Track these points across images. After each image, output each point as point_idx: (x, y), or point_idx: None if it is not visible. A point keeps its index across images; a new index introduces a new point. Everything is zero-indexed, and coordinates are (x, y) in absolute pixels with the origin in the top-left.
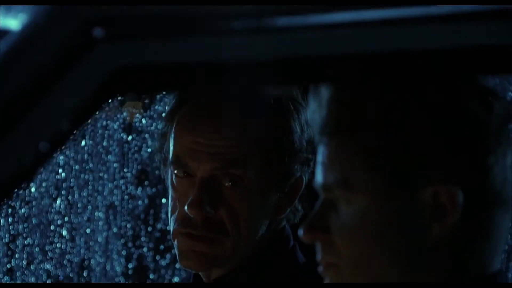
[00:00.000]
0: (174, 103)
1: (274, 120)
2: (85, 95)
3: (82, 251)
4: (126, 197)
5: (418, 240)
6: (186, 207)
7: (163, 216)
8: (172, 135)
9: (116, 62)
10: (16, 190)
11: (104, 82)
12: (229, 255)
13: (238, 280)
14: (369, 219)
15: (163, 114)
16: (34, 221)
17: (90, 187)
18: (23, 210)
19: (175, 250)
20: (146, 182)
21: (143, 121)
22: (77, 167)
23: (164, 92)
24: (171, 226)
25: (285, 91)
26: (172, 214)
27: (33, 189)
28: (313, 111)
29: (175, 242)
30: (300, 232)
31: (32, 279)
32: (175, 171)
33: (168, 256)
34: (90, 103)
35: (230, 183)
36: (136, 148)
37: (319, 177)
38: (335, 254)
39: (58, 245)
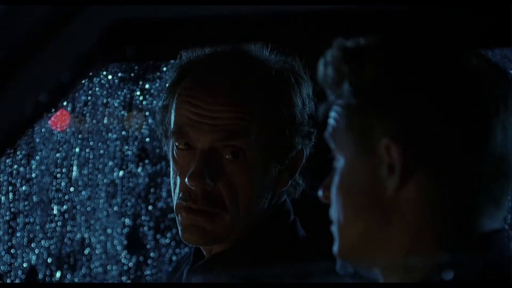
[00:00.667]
0: (175, 76)
1: (275, 92)
2: (84, 47)
3: (82, 229)
4: (126, 175)
5: (378, 195)
6: (186, 179)
7: (163, 194)
8: (174, 107)
9: (113, 15)
10: (16, 140)
11: (101, 35)
12: (229, 230)
13: (238, 255)
14: (344, 177)
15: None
16: (34, 199)
17: (90, 165)
18: (23, 188)
19: (178, 225)
20: (146, 160)
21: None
22: (77, 144)
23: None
24: (174, 201)
25: (287, 64)
26: (174, 188)
27: (33, 167)
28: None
29: (178, 217)
30: (319, 192)
31: (33, 257)
32: (176, 143)
33: (168, 234)
34: (89, 56)
35: (231, 156)
36: (136, 126)
37: None
38: (332, 211)
39: (59, 223)
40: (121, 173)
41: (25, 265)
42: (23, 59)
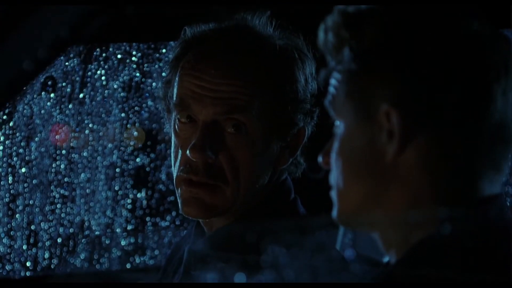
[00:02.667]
0: (179, 51)
1: (278, 68)
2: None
3: (82, 211)
4: (126, 157)
5: (377, 160)
6: (188, 151)
7: (163, 177)
8: (177, 81)
9: None
10: (16, 95)
11: None
12: (229, 203)
13: (239, 232)
14: (344, 143)
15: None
16: (34, 181)
17: (89, 147)
18: (23, 170)
19: (178, 199)
20: (147, 143)
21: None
22: (76, 127)
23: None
24: (174, 174)
25: (291, 41)
26: (175, 161)
27: (33, 149)
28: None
29: (178, 190)
30: (319, 158)
31: (32, 240)
32: (178, 116)
33: (168, 217)
34: (88, 11)
35: (232, 129)
36: (136, 108)
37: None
38: (331, 177)
39: (59, 205)
40: (120, 155)
41: (24, 247)
42: (22, 15)
